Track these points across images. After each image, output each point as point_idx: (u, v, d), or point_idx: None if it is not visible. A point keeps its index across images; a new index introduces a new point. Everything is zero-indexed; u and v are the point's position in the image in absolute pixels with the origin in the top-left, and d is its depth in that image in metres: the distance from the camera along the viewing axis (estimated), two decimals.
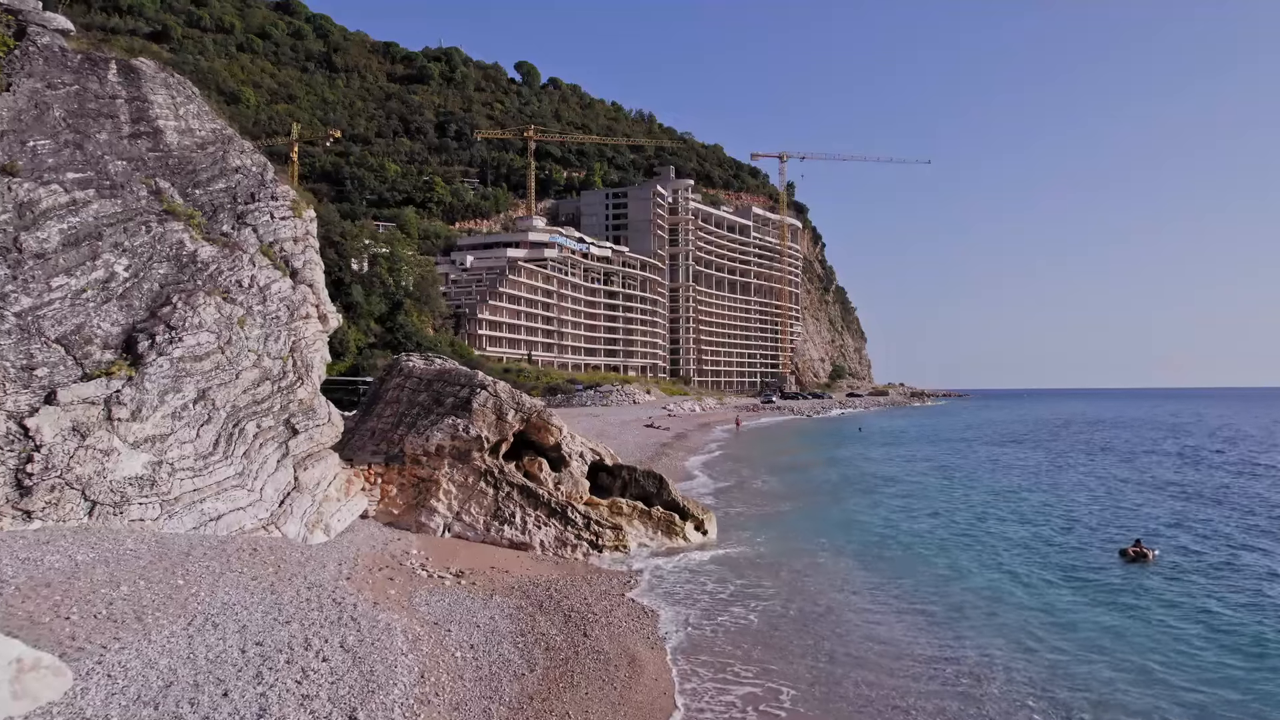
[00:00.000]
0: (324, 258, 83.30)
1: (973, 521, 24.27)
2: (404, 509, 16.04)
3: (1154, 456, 49.31)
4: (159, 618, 9.22)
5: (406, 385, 18.38)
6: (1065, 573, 17.35)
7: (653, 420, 65.20)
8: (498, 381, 17.05)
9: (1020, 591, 15.63)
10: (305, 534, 14.28)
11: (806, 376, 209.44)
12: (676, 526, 17.82)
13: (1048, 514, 26.04)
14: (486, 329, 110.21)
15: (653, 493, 18.32)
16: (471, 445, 16.18)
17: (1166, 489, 33.40)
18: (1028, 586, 15.97)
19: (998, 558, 18.75)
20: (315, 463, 14.97)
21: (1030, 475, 38.64)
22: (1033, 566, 17.80)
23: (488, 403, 16.61)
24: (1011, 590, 15.63)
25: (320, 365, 16.36)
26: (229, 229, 15.88)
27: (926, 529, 22.92)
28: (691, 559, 16.30)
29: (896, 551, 19.58)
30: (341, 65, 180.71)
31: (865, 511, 26.22)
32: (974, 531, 22.49)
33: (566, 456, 17.28)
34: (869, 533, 22.28)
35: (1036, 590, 15.68)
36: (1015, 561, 18.42)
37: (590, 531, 16.27)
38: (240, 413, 14.28)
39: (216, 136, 16.47)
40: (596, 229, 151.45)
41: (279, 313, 15.84)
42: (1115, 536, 21.95)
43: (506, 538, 15.91)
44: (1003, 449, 55.72)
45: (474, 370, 17.46)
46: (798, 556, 17.79)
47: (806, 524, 22.66)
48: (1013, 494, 31.46)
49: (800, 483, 34.37)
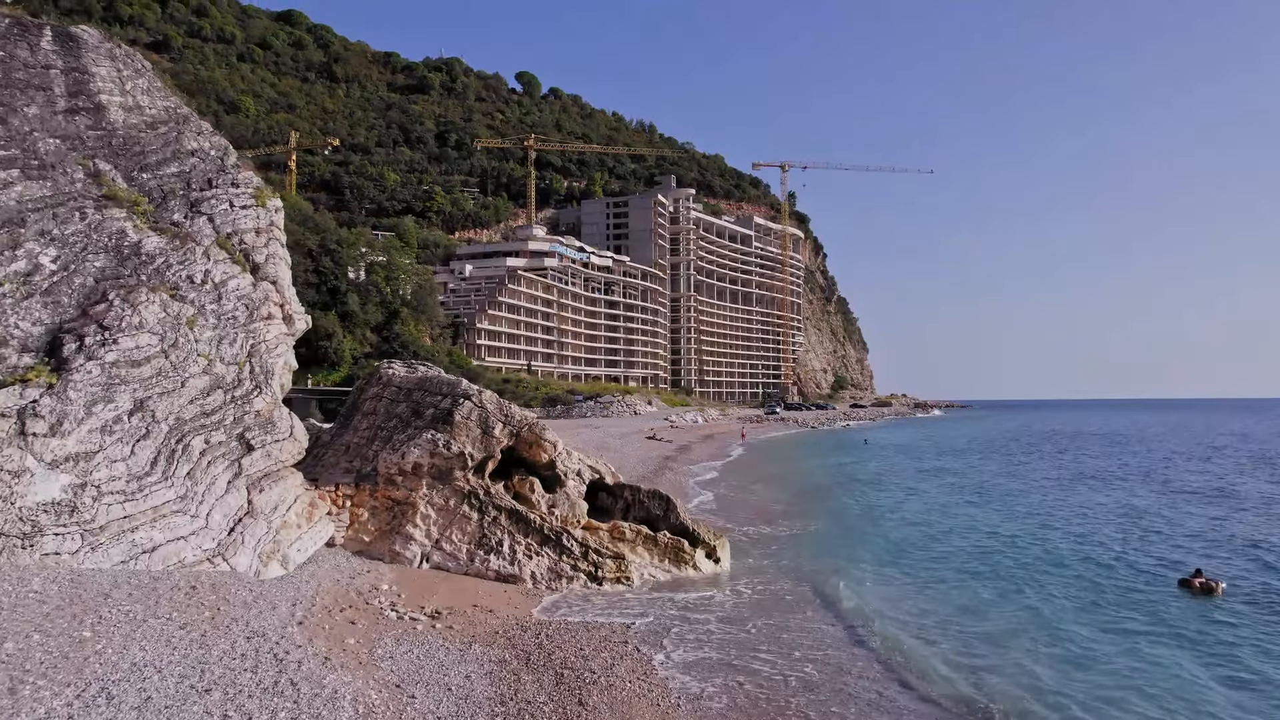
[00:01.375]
0: (320, 266, 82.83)
1: (1008, 546, 22.23)
2: (376, 536, 14.13)
3: (1176, 469, 47.31)
4: (40, 688, 7.30)
5: (384, 395, 16.53)
6: (1133, 610, 15.23)
7: (655, 432, 63.21)
8: (483, 391, 15.17)
9: (1086, 633, 13.51)
10: (258, 567, 12.36)
11: (809, 387, 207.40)
12: (686, 554, 15.88)
13: (1087, 536, 24.01)
14: (485, 339, 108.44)
15: (659, 515, 16.39)
16: (453, 463, 14.29)
17: (1197, 502, 31.48)
18: (1099, 632, 13.62)
19: (1046, 591, 16.73)
20: (273, 483, 13.06)
21: (1056, 490, 36.63)
22: (1089, 604, 15.71)
23: (472, 415, 14.73)
24: (1077, 635, 13.44)
25: (284, 372, 14.49)
26: (181, 218, 14.08)
27: (960, 554, 20.90)
28: (705, 597, 14.24)
29: (931, 581, 17.59)
30: (342, 75, 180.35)
31: (890, 533, 24.24)
32: (1012, 558, 20.49)
33: (562, 475, 15.38)
34: (898, 557, 20.29)
35: (1106, 638, 13.39)
36: (1068, 595, 16.39)
37: (588, 561, 14.33)
38: (185, 426, 12.42)
39: (170, 116, 14.71)
40: (597, 238, 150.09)
41: (236, 312, 14.01)
42: (1168, 562, 19.96)
43: (493, 569, 13.99)
44: (1021, 462, 53.67)
45: (458, 378, 15.60)
46: (825, 591, 15.80)
47: (830, 550, 20.65)
48: (1042, 511, 29.48)
49: (816, 501, 32.39)
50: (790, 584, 16.07)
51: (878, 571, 18.20)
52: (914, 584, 17.08)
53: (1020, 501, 32.53)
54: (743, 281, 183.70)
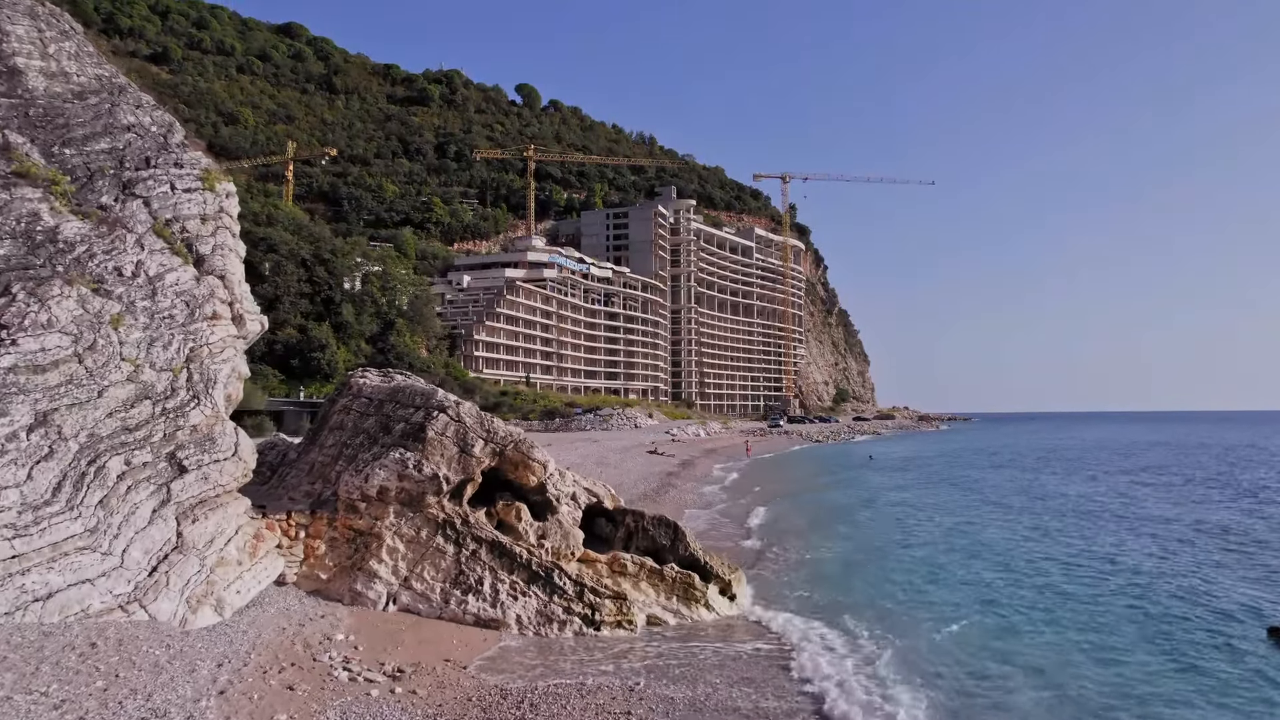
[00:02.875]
0: (314, 276, 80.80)
1: (1056, 579, 19.70)
2: (335, 573, 12.06)
3: (1210, 488, 44.97)
4: None
5: (353, 408, 14.50)
6: (1229, 667, 12.90)
7: (656, 446, 61.05)
8: (462, 403, 13.12)
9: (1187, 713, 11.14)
10: (185, 614, 10.26)
11: (810, 400, 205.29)
12: (697, 591, 13.78)
13: (1138, 565, 21.56)
14: (483, 350, 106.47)
15: (665, 545, 14.30)
16: (425, 487, 12.24)
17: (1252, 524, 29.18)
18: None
19: (1111, 639, 14.45)
20: (210, 512, 10.99)
21: (1086, 511, 34.27)
22: (1173, 659, 13.40)
23: (447, 431, 12.65)
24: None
25: (231, 381, 12.44)
26: (111, 201, 12.12)
27: (1005, 588, 18.49)
28: (722, 650, 12.01)
29: (975, 618, 15.37)
30: (342, 87, 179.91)
31: (920, 561, 21.89)
32: (1062, 593, 18.04)
33: (553, 500, 13.31)
34: (934, 588, 18.04)
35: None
36: (1140, 641, 14.13)
37: (584, 602, 12.25)
38: (101, 444, 10.38)
39: (103, 85, 12.80)
40: (597, 249, 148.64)
41: (173, 310, 12.00)
42: (1244, 602, 17.59)
43: (471, 612, 11.90)
44: (1042, 478, 51.31)
45: (433, 388, 13.58)
46: (865, 637, 13.59)
47: (858, 582, 18.36)
48: (1081, 538, 26.94)
49: (833, 522, 30.10)
50: (824, 628, 13.86)
51: (928, 610, 15.93)
52: (973, 633, 14.70)
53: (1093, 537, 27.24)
54: (744, 293, 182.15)
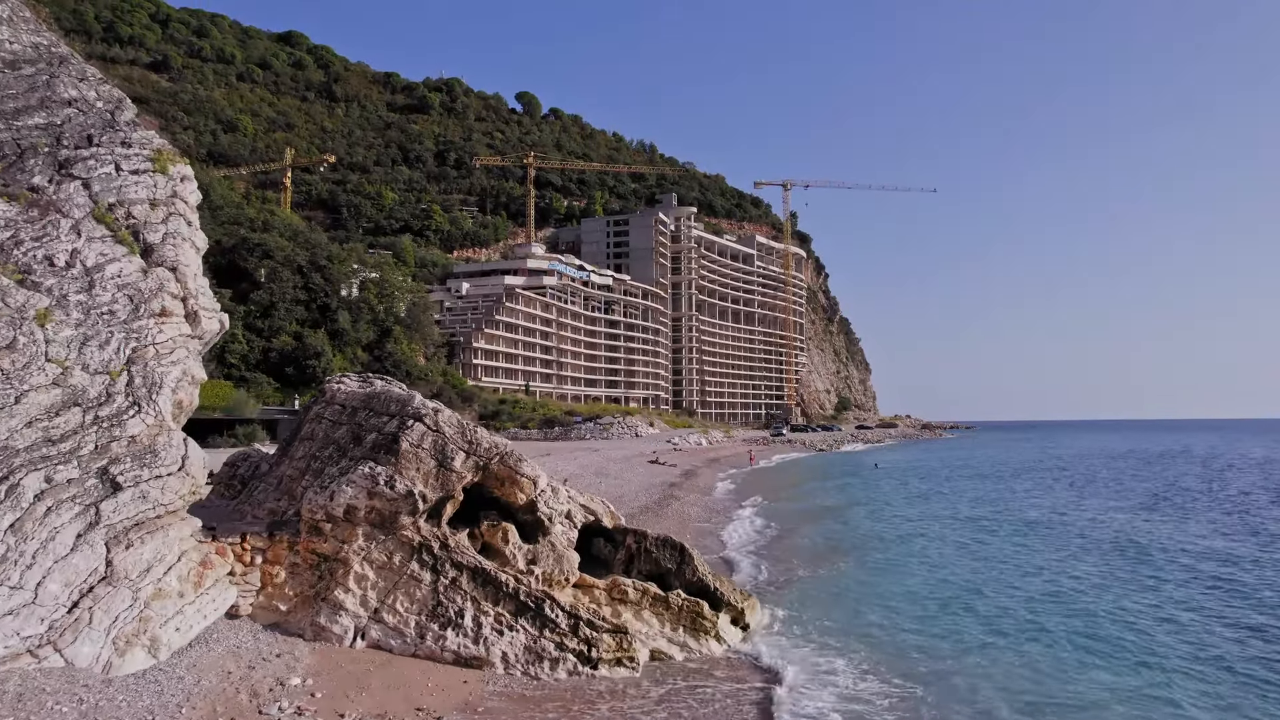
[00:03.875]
0: (310, 282, 78.90)
1: (1104, 605, 17.65)
2: (296, 603, 10.58)
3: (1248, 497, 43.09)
4: None
5: (325, 415, 13.05)
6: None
7: (657, 455, 59.51)
8: (441, 410, 11.62)
9: None
10: (111, 657, 8.78)
11: (812, 408, 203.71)
12: (706, 621, 12.28)
13: (1188, 593, 19.52)
14: (482, 358, 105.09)
15: (670, 569, 12.80)
16: (399, 506, 10.75)
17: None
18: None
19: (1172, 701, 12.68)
20: (148, 536, 9.53)
21: (1118, 526, 32.36)
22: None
23: (424, 441, 11.18)
24: None
25: (182, 385, 11.01)
26: (44, 181, 10.74)
27: (1050, 614, 16.77)
28: (738, 694, 10.48)
29: (1031, 654, 13.62)
30: (342, 95, 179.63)
31: (947, 582, 20.13)
32: (1113, 621, 16.24)
33: (545, 519, 11.80)
34: (970, 618, 16.20)
35: None
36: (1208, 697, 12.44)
37: (579, 637, 10.74)
38: (16, 458, 8.95)
39: (40, 55, 11.45)
40: (597, 257, 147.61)
41: (114, 306, 10.60)
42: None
43: (450, 649, 10.41)
44: (1059, 489, 49.65)
45: (410, 394, 12.13)
46: (893, 674, 12.04)
47: (881, 608, 16.74)
48: (1118, 554, 25.07)
49: (848, 537, 28.36)
50: (847, 664, 12.33)
51: (969, 645, 14.31)
52: (1016, 673, 13.01)
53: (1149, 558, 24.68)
54: (745, 301, 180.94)
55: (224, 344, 73.83)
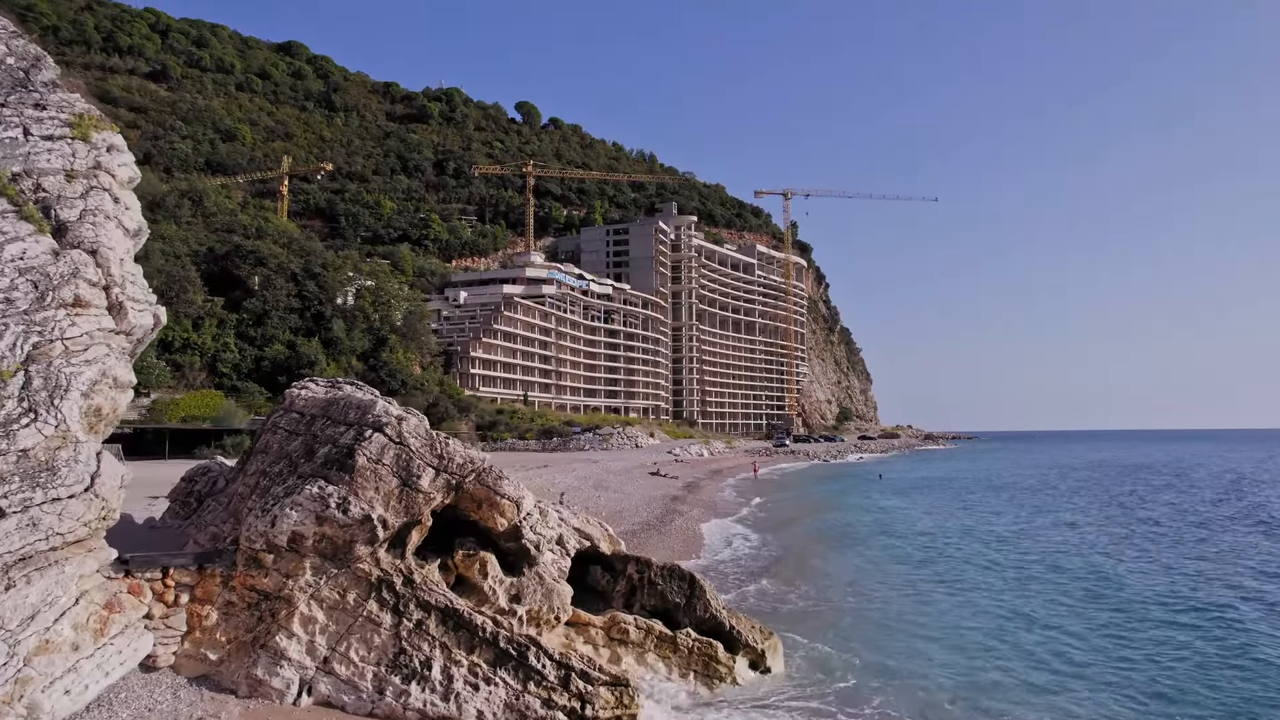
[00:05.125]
0: (304, 290, 76.48)
1: (1182, 641, 15.74)
2: (229, 651, 8.78)
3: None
4: None
5: (282, 425, 11.31)
6: None
7: (658, 467, 57.64)
8: (407, 418, 9.76)
9: None
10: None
11: (813, 418, 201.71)
12: (720, 665, 10.48)
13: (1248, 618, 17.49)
14: (479, 368, 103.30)
15: (678, 604, 10.97)
16: (354, 534, 8.93)
17: None
18: None
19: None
20: (36, 574, 7.77)
21: (1169, 543, 29.72)
22: None
23: (385, 455, 9.35)
24: None
25: (100, 389, 9.25)
26: None
27: (1117, 655, 14.84)
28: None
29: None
30: (341, 104, 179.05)
31: (989, 610, 18.08)
32: (1187, 661, 14.37)
33: (530, 547, 9.99)
34: (1025, 660, 14.27)
35: None
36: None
37: (570, 692, 8.91)
38: None
39: None
40: (597, 266, 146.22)
41: (12, 293, 8.89)
42: None
43: (415, 707, 8.58)
44: (1087, 502, 47.62)
45: (373, 399, 10.34)
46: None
47: (922, 643, 14.80)
48: (1179, 579, 22.72)
49: (866, 555, 26.33)
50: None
51: (1039, 692, 12.38)
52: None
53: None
54: (745, 311, 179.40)
55: (215, 353, 72.18)
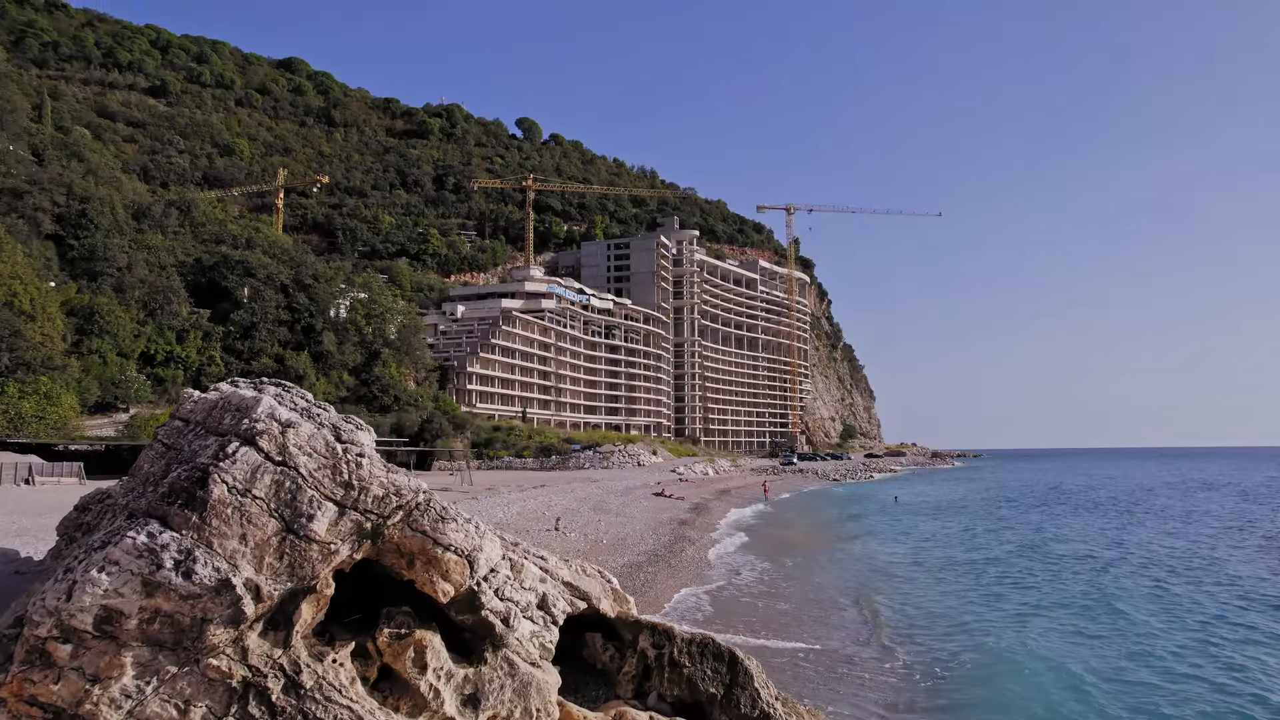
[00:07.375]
0: (294, 302, 73.22)
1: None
2: None
3: None
4: None
5: (159, 438, 8.04)
6: None
7: (663, 487, 54.15)
8: (299, 423, 6.12)
9: None
10: None
11: (817, 436, 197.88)
12: None
13: None
14: (477, 383, 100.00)
15: (714, 694, 7.54)
16: (205, 609, 5.31)
17: None
18: None
19: None
20: None
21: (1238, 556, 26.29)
22: None
23: (258, 482, 5.51)
24: None
25: None
26: None
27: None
28: None
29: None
30: (341, 120, 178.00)
31: (1084, 681, 14.54)
32: None
33: (494, 620, 6.46)
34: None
35: None
36: None
37: None
38: None
39: None
40: (597, 281, 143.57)
41: None
42: None
43: None
44: (1136, 527, 43.60)
45: (256, 397, 6.91)
46: None
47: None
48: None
49: (918, 600, 21.96)
50: None
51: None
52: None
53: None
54: (748, 327, 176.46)
55: (200, 366, 68.94)
